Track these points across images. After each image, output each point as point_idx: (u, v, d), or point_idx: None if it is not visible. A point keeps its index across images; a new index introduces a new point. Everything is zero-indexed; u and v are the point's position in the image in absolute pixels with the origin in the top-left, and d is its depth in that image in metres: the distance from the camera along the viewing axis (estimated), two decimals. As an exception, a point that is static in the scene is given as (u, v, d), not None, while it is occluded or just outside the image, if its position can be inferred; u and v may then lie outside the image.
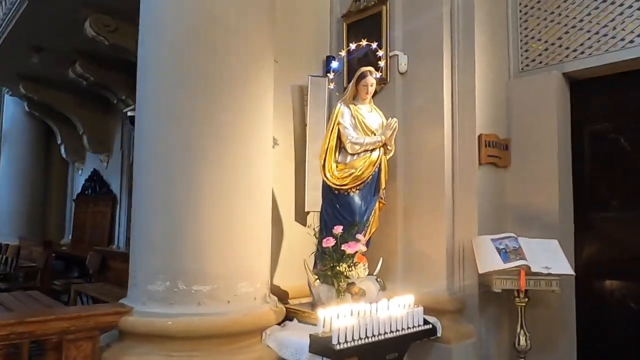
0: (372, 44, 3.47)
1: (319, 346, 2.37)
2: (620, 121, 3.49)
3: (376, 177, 3.24)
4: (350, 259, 2.97)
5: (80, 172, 10.77)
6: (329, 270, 2.99)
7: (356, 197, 3.19)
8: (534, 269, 3.06)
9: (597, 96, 3.60)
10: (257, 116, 2.96)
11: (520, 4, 3.83)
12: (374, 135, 3.25)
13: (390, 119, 3.25)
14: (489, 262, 3.15)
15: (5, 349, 2.32)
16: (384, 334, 2.51)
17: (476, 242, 3.30)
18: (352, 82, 3.34)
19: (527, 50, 3.78)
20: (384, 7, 3.77)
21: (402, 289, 3.23)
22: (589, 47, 3.47)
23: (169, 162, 2.75)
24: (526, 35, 3.78)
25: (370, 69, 3.32)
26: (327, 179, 3.21)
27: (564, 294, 3.33)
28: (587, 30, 3.48)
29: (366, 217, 3.20)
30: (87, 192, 10.23)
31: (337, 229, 3.00)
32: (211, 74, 2.80)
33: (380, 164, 3.24)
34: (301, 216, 3.75)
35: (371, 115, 3.34)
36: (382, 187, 3.31)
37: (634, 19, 3.28)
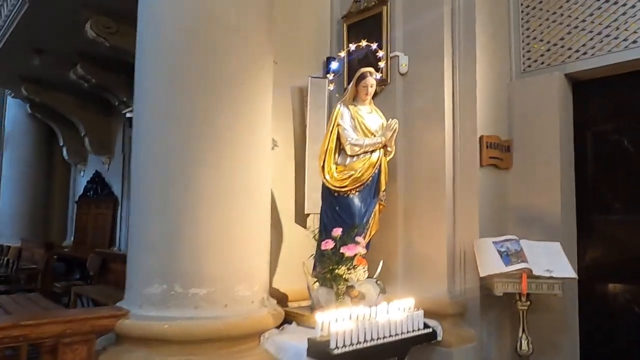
0: (373, 45, 3.46)
1: (317, 350, 2.35)
2: (623, 122, 3.45)
3: (376, 179, 3.21)
4: (349, 261, 2.94)
5: (82, 174, 10.77)
6: (328, 273, 2.96)
7: (356, 199, 3.16)
8: (536, 272, 3.04)
9: (600, 97, 3.57)
10: (256, 117, 2.94)
11: (521, 4, 3.81)
12: (374, 136, 3.22)
13: (390, 120, 3.23)
14: (490, 265, 3.12)
15: (1, 352, 2.30)
16: (383, 337, 2.49)
17: (477, 244, 3.28)
18: (352, 83, 3.32)
19: (528, 50, 3.75)
20: (385, 8, 3.75)
21: (403, 291, 3.21)
22: (591, 47, 3.44)
23: (167, 163, 2.72)
24: (528, 35, 3.76)
25: (370, 69, 3.29)
26: (327, 180, 3.19)
27: (567, 297, 3.29)
28: (589, 30, 3.45)
29: (366, 220, 3.17)
30: (89, 194, 10.22)
31: (336, 232, 2.97)
32: (210, 74, 2.78)
33: (380, 166, 3.21)
34: (301, 218, 3.72)
35: (371, 116, 3.32)
36: (383, 189, 3.28)
37: (637, 19, 3.25)
